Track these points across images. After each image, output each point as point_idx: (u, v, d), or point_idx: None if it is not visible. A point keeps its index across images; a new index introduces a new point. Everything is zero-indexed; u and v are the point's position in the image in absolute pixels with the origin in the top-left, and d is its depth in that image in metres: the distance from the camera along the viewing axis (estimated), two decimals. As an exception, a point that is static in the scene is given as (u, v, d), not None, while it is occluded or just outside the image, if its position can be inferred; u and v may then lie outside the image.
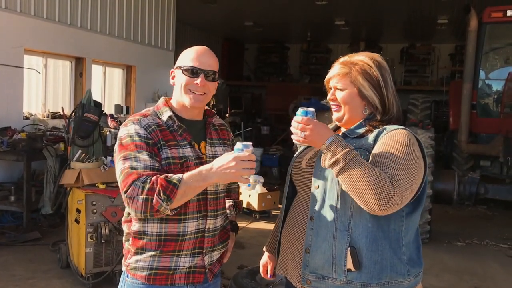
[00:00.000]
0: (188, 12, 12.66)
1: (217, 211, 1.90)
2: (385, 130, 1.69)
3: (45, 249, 5.08)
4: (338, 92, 1.78)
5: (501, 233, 6.53)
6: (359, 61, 1.77)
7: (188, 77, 1.83)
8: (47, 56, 7.49)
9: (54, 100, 7.84)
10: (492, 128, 6.88)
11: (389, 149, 1.62)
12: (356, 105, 1.77)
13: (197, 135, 1.90)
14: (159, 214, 1.67)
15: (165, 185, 1.64)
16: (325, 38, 17.79)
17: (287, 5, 12.35)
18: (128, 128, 1.79)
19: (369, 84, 1.74)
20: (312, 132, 1.62)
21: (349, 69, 1.76)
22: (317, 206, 1.72)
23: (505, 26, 7.13)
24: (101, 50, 8.36)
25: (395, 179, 1.55)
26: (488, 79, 7.52)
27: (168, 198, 1.64)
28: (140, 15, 9.50)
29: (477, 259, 5.47)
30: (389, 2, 11.67)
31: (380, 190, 1.52)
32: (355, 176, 1.55)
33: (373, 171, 1.55)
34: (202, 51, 1.88)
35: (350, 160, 1.57)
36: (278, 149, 10.60)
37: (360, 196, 1.56)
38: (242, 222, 6.58)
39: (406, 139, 1.65)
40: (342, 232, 1.66)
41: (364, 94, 1.75)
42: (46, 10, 7.13)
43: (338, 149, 1.59)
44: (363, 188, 1.54)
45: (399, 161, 1.59)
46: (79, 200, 4.11)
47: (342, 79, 1.77)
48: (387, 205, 1.53)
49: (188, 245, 1.83)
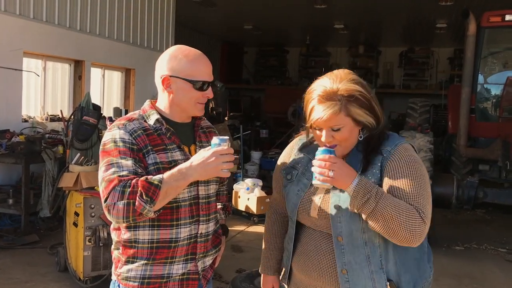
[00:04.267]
0: (187, 15, 12.68)
1: (209, 215, 1.87)
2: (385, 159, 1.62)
3: (43, 252, 5.07)
4: (336, 133, 1.62)
5: (500, 237, 6.53)
6: (343, 90, 1.59)
7: (199, 91, 1.78)
8: (46, 59, 7.49)
9: (53, 103, 7.84)
10: (490, 132, 6.88)
11: (403, 177, 1.59)
12: (354, 135, 1.66)
13: (186, 138, 1.86)
14: (141, 218, 1.63)
15: (146, 187, 1.59)
16: (324, 41, 17.83)
17: (286, 9, 12.37)
18: (112, 133, 1.73)
19: (363, 109, 1.62)
20: (339, 171, 1.54)
21: (339, 104, 1.59)
22: (346, 259, 1.66)
23: (504, 31, 7.15)
24: (100, 53, 8.36)
25: (422, 210, 1.56)
26: (486, 83, 7.53)
27: (151, 200, 1.59)
28: (139, 18, 9.51)
29: (476, 263, 5.47)
30: (388, 6, 11.70)
31: (413, 227, 1.53)
32: (387, 216, 1.52)
33: (402, 208, 1.53)
34: (203, 59, 1.82)
35: (380, 199, 1.53)
36: (277, 153, 10.58)
37: (394, 235, 1.55)
38: (241, 226, 6.57)
39: (412, 159, 1.63)
40: (378, 272, 1.65)
41: (360, 121, 1.63)
42: (45, 13, 7.14)
43: (367, 189, 1.54)
44: (395, 227, 1.53)
45: (419, 189, 1.58)
46: (77, 203, 4.10)
47: (337, 118, 1.59)
48: (421, 238, 1.56)
49: (181, 252, 1.79)
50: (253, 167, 9.70)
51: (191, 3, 11.49)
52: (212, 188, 1.89)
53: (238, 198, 7.02)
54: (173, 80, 1.77)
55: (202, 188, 1.83)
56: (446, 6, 10.79)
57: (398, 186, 1.58)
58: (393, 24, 14.14)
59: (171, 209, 1.75)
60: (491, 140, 6.82)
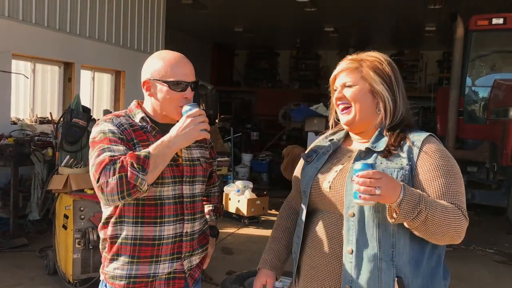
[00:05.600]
0: (178, 17, 12.66)
1: (195, 214, 1.87)
2: (415, 147, 1.57)
3: (32, 255, 5.04)
4: (347, 90, 1.63)
5: (488, 238, 6.59)
6: (369, 57, 1.66)
7: (176, 92, 1.79)
8: (35, 61, 7.44)
9: (42, 105, 7.79)
10: (478, 134, 6.96)
11: (441, 174, 1.53)
12: (368, 103, 1.62)
13: None
14: (136, 192, 1.60)
15: (136, 157, 1.61)
16: (314, 44, 17.90)
17: (276, 12, 12.41)
18: (100, 127, 1.76)
19: (381, 79, 1.62)
20: (386, 186, 1.41)
21: (359, 64, 1.64)
22: (355, 237, 1.55)
23: (491, 34, 7.23)
24: (90, 55, 8.33)
25: (463, 208, 1.52)
26: (474, 86, 7.62)
27: (143, 168, 1.60)
28: (130, 20, 9.49)
29: (464, 264, 5.52)
30: (377, 10, 11.78)
31: (458, 227, 1.49)
32: (437, 223, 1.46)
33: (449, 211, 1.48)
34: (181, 61, 1.84)
35: (430, 208, 1.44)
36: (268, 155, 10.62)
37: (439, 238, 1.50)
38: (231, 228, 6.57)
39: (445, 154, 1.58)
40: (387, 262, 1.52)
41: (376, 90, 1.61)
42: (34, 15, 7.10)
43: (415, 200, 1.43)
44: (444, 231, 1.47)
45: (456, 185, 1.54)
46: (67, 205, 4.08)
47: (352, 74, 1.63)
48: (463, 235, 1.52)
49: (166, 250, 1.79)
50: (244, 169, 9.71)
51: (182, 5, 11.48)
52: (198, 188, 1.89)
53: (228, 200, 7.03)
54: (152, 83, 1.82)
55: (187, 187, 1.84)
56: (435, 10, 10.88)
57: (436, 183, 1.52)
58: (382, 27, 14.24)
59: (155, 206, 1.77)
60: (479, 142, 6.90)
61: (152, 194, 1.75)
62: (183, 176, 1.83)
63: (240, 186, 7.07)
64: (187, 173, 1.84)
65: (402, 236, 1.53)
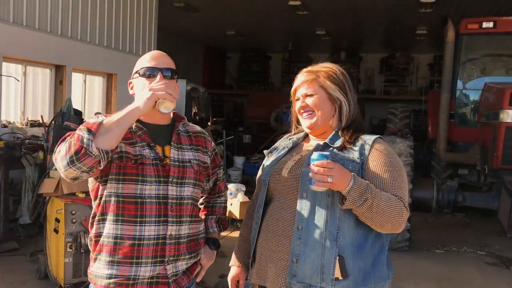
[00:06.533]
0: (169, 20, 12.65)
1: (181, 217, 1.82)
2: (367, 145, 1.77)
3: (23, 259, 4.99)
4: (309, 99, 1.84)
5: (479, 240, 6.64)
6: (324, 68, 1.87)
7: (146, 78, 1.82)
8: (27, 63, 7.39)
9: (33, 108, 7.74)
10: (469, 137, 7.00)
11: (387, 169, 1.73)
12: (328, 109, 1.84)
13: (162, 138, 1.85)
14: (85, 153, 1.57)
15: (85, 124, 1.64)
16: (306, 47, 17.96)
17: (268, 15, 12.44)
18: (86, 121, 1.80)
19: (337, 87, 1.83)
20: (337, 175, 1.61)
21: (316, 75, 1.84)
22: (305, 216, 1.72)
23: (481, 37, 7.29)
24: (81, 58, 8.29)
25: (403, 200, 1.71)
26: (465, 89, 7.66)
27: (89, 130, 1.60)
28: (121, 22, 9.47)
29: (456, 266, 5.55)
30: (368, 13, 11.84)
31: (401, 218, 1.68)
32: (381, 212, 1.64)
33: (392, 202, 1.66)
34: (156, 53, 1.90)
35: (375, 198, 1.63)
36: (260, 158, 10.60)
37: (383, 227, 1.69)
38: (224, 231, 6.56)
39: (392, 153, 1.80)
40: (331, 241, 1.69)
41: (333, 97, 1.83)
42: (25, 17, 7.05)
43: (363, 189, 1.62)
44: (387, 220, 1.66)
45: (400, 180, 1.73)
46: (58, 209, 4.06)
47: (311, 85, 1.84)
48: (404, 225, 1.72)
49: (147, 252, 1.76)
50: (236, 172, 9.69)
51: (174, 8, 11.48)
52: (187, 190, 1.84)
53: (221, 203, 7.01)
54: (133, 81, 1.91)
55: (173, 188, 1.80)
56: (426, 13, 10.97)
57: (383, 177, 1.71)
58: (374, 30, 14.33)
59: (135, 204, 1.75)
60: (470, 144, 6.93)
61: (132, 192, 1.74)
62: (169, 177, 1.80)
63: (233, 189, 7.05)
64: (173, 173, 1.81)
65: (347, 220, 1.70)
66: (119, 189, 1.76)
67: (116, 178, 1.75)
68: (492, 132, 5.99)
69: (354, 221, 1.70)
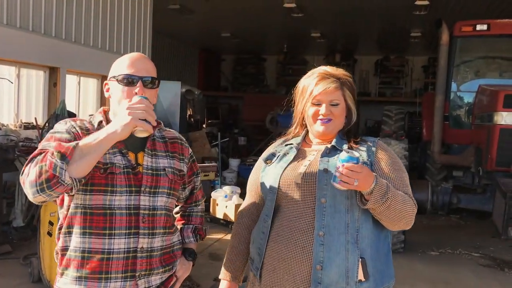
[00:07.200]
0: (164, 22, 12.64)
1: (154, 229, 1.72)
2: (372, 146, 1.81)
3: (16, 263, 4.95)
4: (334, 108, 1.80)
5: (474, 242, 6.65)
6: (344, 76, 1.85)
7: (124, 85, 1.70)
8: (20, 65, 7.35)
9: (27, 111, 7.69)
10: (464, 139, 7.02)
11: (395, 169, 1.79)
12: (343, 117, 1.84)
13: (136, 144, 1.74)
14: (57, 182, 1.48)
15: (59, 148, 1.48)
16: (301, 49, 17.99)
17: (263, 17, 12.45)
18: (54, 127, 1.73)
19: (352, 96, 1.84)
20: (364, 178, 1.61)
21: (339, 83, 1.81)
22: (326, 221, 1.70)
23: (475, 40, 7.32)
24: (76, 60, 8.25)
25: (413, 197, 1.76)
26: (459, 91, 7.69)
27: (63, 156, 1.47)
28: (116, 24, 9.44)
29: (451, 268, 5.56)
30: (363, 16, 11.88)
31: (412, 215, 1.74)
32: (398, 210, 1.68)
33: (405, 200, 1.71)
34: (136, 57, 1.77)
35: (394, 195, 1.67)
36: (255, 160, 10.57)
37: (397, 224, 1.73)
38: (219, 234, 6.54)
39: (394, 153, 1.86)
40: (353, 244, 1.70)
41: (350, 106, 1.84)
42: (19, 19, 7.02)
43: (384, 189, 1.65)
44: (401, 217, 1.70)
45: (406, 179, 1.81)
46: (51, 212, 4.03)
47: (336, 93, 1.81)
48: (413, 221, 1.77)
49: (117, 267, 1.66)
50: (231, 175, 9.68)
51: (168, 10, 11.47)
52: (161, 200, 1.74)
53: (216, 205, 7.00)
54: (109, 83, 1.78)
55: (146, 198, 1.71)
56: (420, 16, 11.01)
57: (391, 176, 1.76)
58: (368, 33, 14.37)
59: (104, 216, 1.65)
60: (464, 146, 6.96)
61: (100, 203, 1.65)
62: (142, 186, 1.69)
63: (228, 191, 7.05)
64: (146, 182, 1.70)
65: (365, 221, 1.72)
66: (86, 201, 1.66)
67: (83, 189, 1.64)
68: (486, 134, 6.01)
69: (371, 222, 1.74)
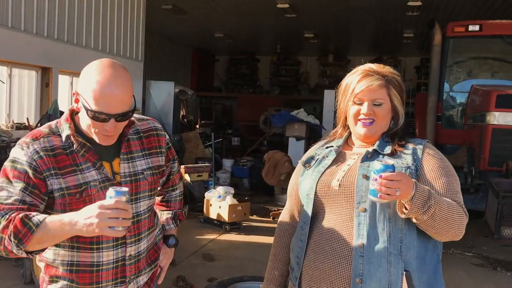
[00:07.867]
0: (157, 22, 12.60)
1: (140, 234, 1.71)
2: (418, 149, 1.67)
3: (8, 264, 4.91)
4: (377, 108, 1.67)
5: (466, 241, 6.67)
6: (391, 74, 1.73)
7: (94, 120, 1.55)
8: (12, 65, 7.31)
9: (19, 111, 7.65)
10: (456, 139, 7.06)
11: (443, 174, 1.63)
12: (388, 119, 1.71)
13: (109, 152, 1.65)
14: (15, 255, 1.54)
15: (19, 228, 1.47)
16: (294, 50, 18.00)
17: (257, 17, 12.44)
18: (15, 152, 1.61)
19: (400, 98, 1.71)
20: (405, 186, 1.47)
21: (384, 81, 1.69)
22: (365, 231, 1.58)
23: (468, 40, 7.37)
24: (68, 60, 8.21)
25: (463, 206, 1.61)
26: (452, 91, 7.74)
27: (20, 242, 1.49)
28: (109, 24, 9.40)
29: (444, 267, 5.56)
30: (356, 16, 11.91)
31: (461, 224, 1.59)
32: (443, 219, 1.54)
33: (453, 208, 1.56)
34: (107, 85, 1.52)
35: (438, 204, 1.52)
36: (249, 160, 10.60)
37: (444, 234, 1.59)
38: (212, 234, 6.53)
39: (443, 157, 1.70)
40: (396, 256, 1.56)
41: (397, 108, 1.71)
42: (11, 19, 6.97)
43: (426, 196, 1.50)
44: (449, 227, 1.56)
45: (456, 185, 1.65)
46: (44, 213, 4.00)
47: (380, 92, 1.67)
48: (464, 231, 1.61)
49: (107, 276, 1.66)
50: (225, 175, 9.67)
51: (161, 10, 11.43)
52: (143, 205, 1.72)
53: (209, 206, 6.98)
54: (80, 97, 1.58)
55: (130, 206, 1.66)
56: (413, 17, 11.06)
57: (440, 181, 1.62)
58: (361, 33, 14.40)
59: None
60: (457, 147, 7.00)
61: None
62: None
63: (221, 191, 7.03)
64: None
65: (409, 231, 1.59)
66: None
67: (63, 210, 1.60)
68: (479, 134, 6.05)
69: (416, 232, 1.60)
